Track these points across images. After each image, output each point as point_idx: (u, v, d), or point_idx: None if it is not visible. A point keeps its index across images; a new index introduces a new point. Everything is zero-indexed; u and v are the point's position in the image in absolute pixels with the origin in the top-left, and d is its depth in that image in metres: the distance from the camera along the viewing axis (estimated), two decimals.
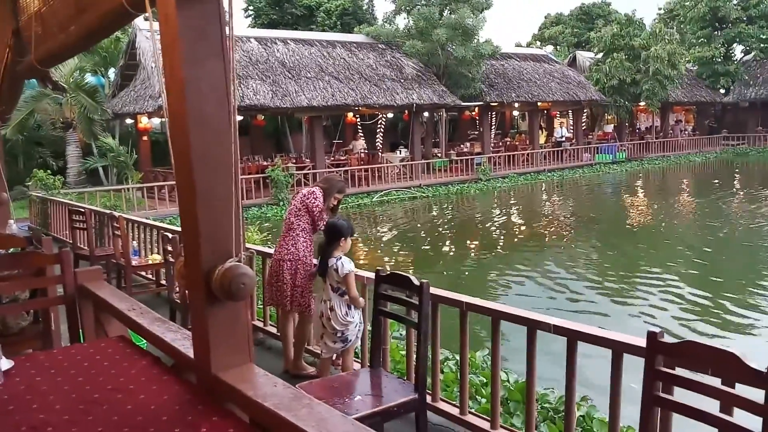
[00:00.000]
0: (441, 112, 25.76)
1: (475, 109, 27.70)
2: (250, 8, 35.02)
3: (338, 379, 3.48)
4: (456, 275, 11.26)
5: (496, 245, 14.19)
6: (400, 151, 24.54)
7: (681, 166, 29.58)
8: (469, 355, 3.69)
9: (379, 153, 24.62)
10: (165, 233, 6.09)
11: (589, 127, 33.07)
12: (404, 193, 21.19)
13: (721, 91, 35.96)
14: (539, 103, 27.07)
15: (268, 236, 12.83)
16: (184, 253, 1.86)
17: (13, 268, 3.50)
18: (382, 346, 3.68)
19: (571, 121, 31.47)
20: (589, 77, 29.69)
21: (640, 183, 25.34)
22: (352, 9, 34.08)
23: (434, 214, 19.04)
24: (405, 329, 4.30)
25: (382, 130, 26.86)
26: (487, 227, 16.28)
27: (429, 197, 21.21)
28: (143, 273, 7.79)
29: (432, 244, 14.24)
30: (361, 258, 12.22)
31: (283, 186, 18.51)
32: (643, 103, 29.44)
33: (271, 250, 5.06)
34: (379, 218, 18.36)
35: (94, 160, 21.54)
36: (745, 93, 35.06)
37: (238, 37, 21.30)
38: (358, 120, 26.24)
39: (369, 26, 27.53)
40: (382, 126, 26.74)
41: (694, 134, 35.69)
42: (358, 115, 25.39)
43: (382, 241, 14.83)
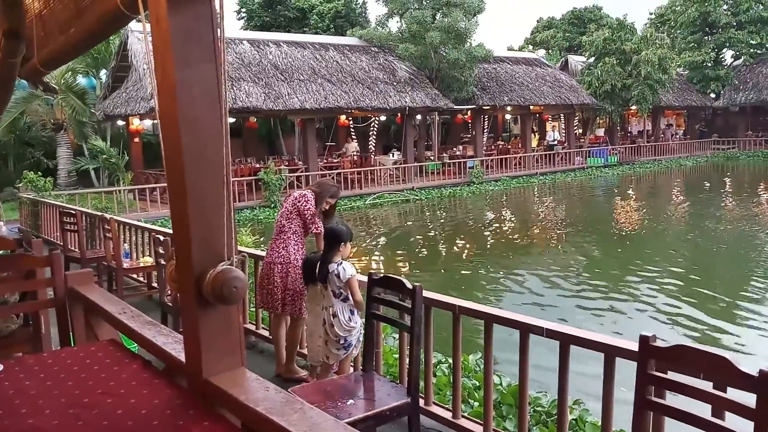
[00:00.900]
0: (434, 115, 25.82)
1: (468, 113, 27.79)
2: (243, 10, 34.98)
3: (331, 382, 3.47)
4: (449, 278, 11.27)
5: (489, 248, 14.21)
6: (393, 154, 24.56)
7: (672, 170, 29.77)
8: (462, 359, 3.68)
9: (372, 156, 24.62)
10: (157, 236, 6.06)
11: (581, 130, 33.24)
12: (397, 196, 21.20)
13: (712, 96, 36.24)
14: (531, 107, 27.18)
15: (261, 239, 12.80)
16: (176, 256, 1.85)
17: (3, 270, 3.47)
18: (374, 349, 3.67)
19: (563, 125, 31.62)
20: (581, 81, 29.84)
21: (631, 186, 25.47)
22: (345, 12, 34.11)
23: (427, 217, 19.06)
24: (398, 332, 4.30)
25: (375, 133, 26.88)
26: (480, 230, 16.31)
27: (422, 200, 21.23)
28: (134, 276, 7.75)
29: (425, 247, 14.25)
30: (353, 261, 12.20)
31: (276, 188, 18.48)
32: (634, 107, 29.62)
33: (263, 253, 5.04)
34: (372, 221, 18.36)
35: (86, 162, 21.44)
36: (735, 98, 35.34)
37: (231, 39, 21.28)
38: (351, 123, 26.25)
39: (362, 29, 27.57)
40: (375, 129, 26.76)
41: (685, 138, 35.94)
42: (350, 118, 25.41)
43: (375, 244, 14.82)
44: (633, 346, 2.50)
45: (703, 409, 2.14)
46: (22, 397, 1.93)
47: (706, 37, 36.11)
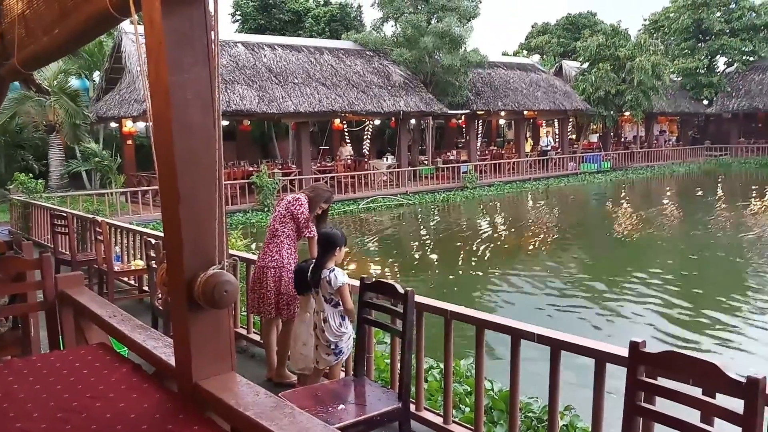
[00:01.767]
0: (428, 120, 25.87)
1: (462, 118, 27.85)
2: (238, 13, 34.95)
3: (322, 387, 3.46)
4: (441, 283, 11.28)
5: (481, 253, 14.22)
6: (387, 158, 24.58)
7: (665, 176, 29.91)
8: (453, 364, 3.68)
9: (366, 160, 24.63)
10: (148, 239, 6.04)
11: (574, 136, 33.37)
12: (391, 200, 21.21)
13: (705, 103, 36.47)
14: (525, 112, 27.26)
15: (253, 242, 12.77)
16: (167, 260, 1.85)
17: None
18: (366, 354, 3.67)
19: (557, 131, 31.73)
20: (575, 87, 29.98)
21: (624, 193, 25.57)
22: (341, 15, 34.14)
23: (420, 222, 19.07)
24: (390, 337, 4.29)
25: (369, 137, 26.90)
26: (473, 235, 16.32)
27: (415, 204, 21.24)
28: (125, 279, 7.72)
29: (417, 252, 14.25)
30: (346, 265, 12.20)
31: (270, 192, 18.45)
32: (627, 113, 29.77)
33: (254, 257, 5.02)
34: (366, 225, 18.35)
35: (77, 164, 21.33)
36: (727, 104, 35.58)
37: (225, 42, 21.25)
38: (345, 126, 26.25)
39: (357, 33, 27.61)
40: (369, 133, 26.77)
41: (678, 145, 36.14)
42: (345, 122, 25.41)
43: (368, 248, 14.82)
44: (623, 352, 2.51)
45: (692, 415, 2.15)
46: (10, 401, 1.92)
47: (700, 44, 36.36)
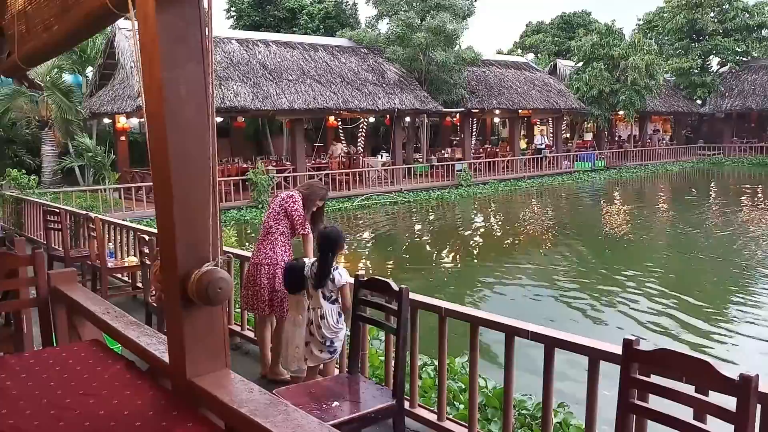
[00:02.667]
0: (422, 118, 25.87)
1: (457, 116, 27.86)
2: (232, 9, 34.85)
3: (316, 385, 3.46)
4: (435, 280, 11.29)
5: (475, 251, 14.25)
6: (382, 156, 24.57)
7: (658, 175, 30.02)
8: (447, 361, 3.69)
9: (361, 157, 24.63)
10: (142, 235, 6.02)
11: (569, 134, 33.44)
12: (385, 198, 21.21)
13: (698, 102, 36.60)
14: (520, 111, 27.30)
15: (247, 239, 12.76)
16: (161, 256, 1.84)
17: None
18: (360, 351, 3.66)
19: (551, 129, 31.79)
20: (569, 86, 30.03)
21: (617, 191, 25.66)
22: (335, 13, 34.08)
23: (415, 219, 19.08)
24: (384, 335, 4.29)
25: (364, 135, 26.88)
26: (467, 233, 16.35)
27: (410, 202, 21.25)
28: (119, 275, 7.69)
29: (412, 249, 14.26)
30: (340, 262, 12.17)
31: (264, 189, 18.41)
32: (621, 113, 29.85)
33: (249, 254, 5.01)
34: (360, 222, 18.35)
35: (71, 160, 21.22)
36: (720, 104, 35.73)
37: (219, 39, 21.19)
38: (340, 124, 26.23)
39: (352, 30, 27.58)
40: (364, 130, 26.76)
41: (672, 144, 36.25)
42: (339, 119, 25.39)
43: (363, 246, 14.82)
44: (617, 349, 2.52)
45: (686, 413, 2.16)
46: (3, 398, 1.90)
47: (693, 44, 36.48)
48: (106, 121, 21.93)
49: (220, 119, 21.01)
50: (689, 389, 2.17)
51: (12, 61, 2.83)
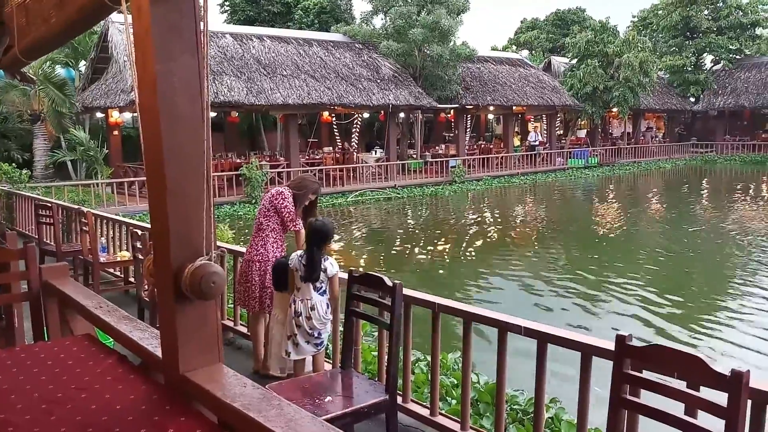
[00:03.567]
0: (417, 114, 25.86)
1: (451, 112, 27.86)
2: (227, 4, 34.70)
3: (309, 379, 3.46)
4: (429, 276, 11.30)
5: (469, 247, 14.27)
6: (376, 152, 24.55)
7: (651, 172, 30.13)
8: (440, 357, 3.69)
9: (354, 153, 24.61)
10: (134, 230, 5.99)
11: (562, 131, 33.50)
12: (379, 194, 21.20)
13: (691, 100, 36.75)
14: (514, 107, 27.31)
15: (241, 234, 12.73)
16: (153, 251, 1.83)
17: None
18: (353, 346, 3.67)
19: (545, 126, 31.83)
20: (563, 82, 30.07)
21: (610, 188, 25.74)
22: (330, 7, 33.98)
23: (408, 215, 19.09)
24: (377, 330, 4.30)
25: (358, 130, 26.85)
26: (460, 229, 16.37)
27: (403, 198, 21.25)
28: (111, 270, 7.66)
29: (406, 245, 14.27)
30: (334, 258, 12.17)
31: (258, 184, 18.37)
32: (615, 110, 29.93)
33: (242, 249, 5.01)
34: (354, 218, 18.34)
35: (63, 154, 21.08)
36: (713, 102, 35.87)
37: (213, 33, 21.08)
38: (334, 119, 26.17)
39: (346, 25, 27.50)
40: (358, 126, 26.72)
41: (665, 141, 36.40)
42: (333, 115, 25.34)
43: (356, 241, 14.81)
44: (609, 345, 2.53)
45: (677, 408, 2.17)
46: None
47: (687, 42, 36.58)
48: (99, 115, 21.81)
49: (213, 114, 20.93)
50: (681, 385, 2.18)
51: (12, 55, 2.81)
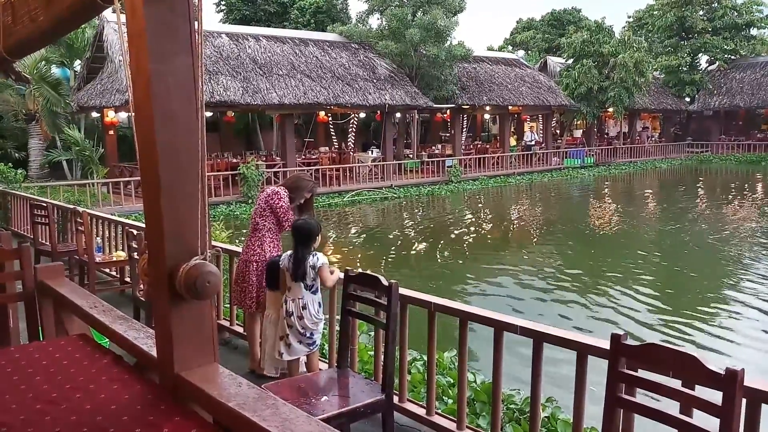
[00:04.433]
0: (413, 114, 25.87)
1: (447, 112, 27.87)
2: (222, 3, 34.63)
3: (305, 379, 3.46)
4: (425, 275, 11.30)
5: (465, 246, 14.28)
6: (372, 152, 24.55)
7: (647, 172, 30.21)
8: (437, 356, 3.69)
9: (351, 153, 24.59)
10: (130, 230, 5.97)
11: (559, 131, 33.56)
12: (375, 194, 21.20)
13: (687, 100, 36.85)
14: (510, 107, 27.35)
15: (237, 234, 12.71)
16: (148, 250, 1.83)
17: None
18: (349, 346, 3.67)
19: (541, 126, 31.89)
20: (559, 82, 30.11)
21: (606, 187, 25.79)
22: (326, 7, 33.94)
23: (405, 215, 19.09)
24: (373, 329, 4.30)
25: (354, 130, 26.84)
26: (457, 229, 16.37)
27: (400, 198, 21.26)
28: (107, 270, 7.64)
29: (402, 245, 14.26)
30: (330, 258, 12.18)
31: (253, 184, 18.35)
32: (611, 110, 29.99)
33: (238, 249, 5.00)
34: (350, 218, 18.33)
35: (58, 154, 21.04)
36: (709, 102, 35.98)
37: (209, 32, 21.06)
38: (330, 119, 26.15)
39: (342, 25, 27.48)
40: (354, 126, 26.72)
41: (660, 141, 36.49)
42: (330, 115, 25.32)
43: (352, 241, 14.81)
44: (605, 344, 2.53)
45: (672, 407, 2.18)
46: None
47: (683, 42, 36.69)
48: (95, 115, 21.75)
49: (209, 114, 20.89)
50: (676, 383, 2.19)
51: None
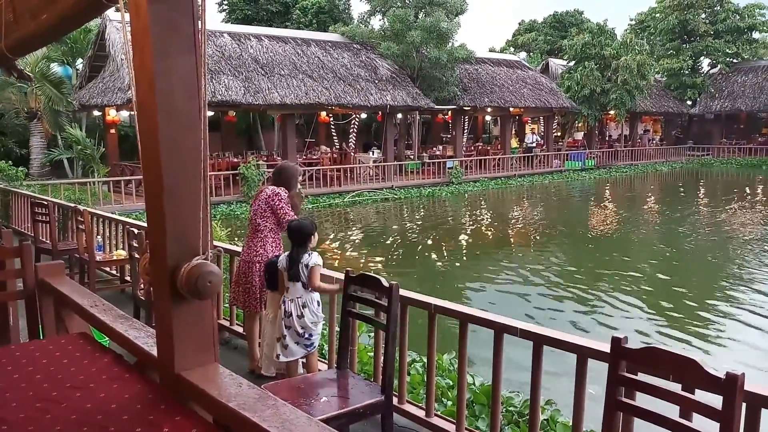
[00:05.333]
0: (414, 115, 25.87)
1: (449, 113, 27.87)
2: (225, 3, 34.66)
3: (304, 380, 3.46)
4: (426, 277, 11.30)
5: (465, 248, 14.28)
6: (373, 152, 24.55)
7: (648, 175, 30.19)
8: (436, 358, 3.69)
9: (352, 153, 24.60)
10: (131, 228, 5.98)
11: (560, 133, 33.55)
12: (376, 194, 21.20)
13: (688, 103, 36.84)
14: (511, 109, 27.35)
15: (236, 234, 12.70)
16: (150, 250, 1.83)
17: None
18: (349, 347, 3.67)
19: (542, 128, 31.88)
20: (560, 84, 30.10)
21: (607, 190, 25.78)
22: (329, 7, 33.95)
23: (405, 216, 19.09)
24: (373, 331, 4.30)
25: (356, 131, 26.85)
26: (457, 230, 16.37)
27: (401, 199, 21.25)
28: (107, 269, 7.64)
29: (402, 246, 14.26)
30: (331, 258, 12.18)
31: (254, 183, 18.36)
32: (612, 112, 29.98)
33: (238, 249, 5.00)
34: (351, 219, 18.33)
35: (59, 152, 21.04)
36: (710, 105, 35.97)
37: (211, 32, 21.07)
38: (332, 119, 26.16)
39: (345, 25, 27.50)
40: (356, 126, 26.73)
41: (662, 144, 36.47)
42: (331, 115, 25.33)
43: (353, 242, 14.81)
44: (605, 347, 2.53)
45: (672, 410, 2.18)
46: None
47: (685, 45, 36.69)
48: (96, 113, 21.76)
49: (210, 113, 20.90)
50: (676, 387, 2.18)
51: None
